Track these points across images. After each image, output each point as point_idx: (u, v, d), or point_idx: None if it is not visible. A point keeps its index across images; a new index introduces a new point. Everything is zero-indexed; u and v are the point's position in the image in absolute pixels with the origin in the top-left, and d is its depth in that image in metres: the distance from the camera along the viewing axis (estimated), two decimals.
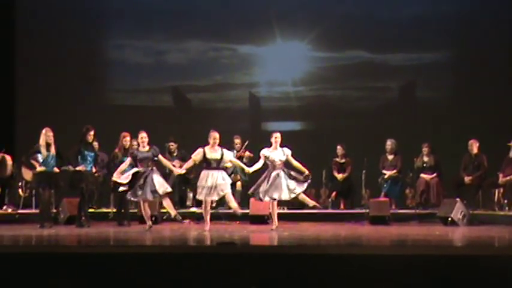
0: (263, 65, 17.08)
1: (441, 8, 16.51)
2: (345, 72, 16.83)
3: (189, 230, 11.99)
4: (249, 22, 16.66)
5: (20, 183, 14.66)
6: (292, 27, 16.68)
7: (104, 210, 14.49)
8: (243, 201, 14.26)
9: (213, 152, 11.73)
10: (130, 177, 11.71)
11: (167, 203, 11.89)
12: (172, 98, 17.49)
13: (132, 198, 11.99)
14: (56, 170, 12.47)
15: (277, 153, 11.83)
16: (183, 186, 14.75)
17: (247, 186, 14.66)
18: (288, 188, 11.63)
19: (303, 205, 12.51)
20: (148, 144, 11.91)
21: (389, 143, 14.70)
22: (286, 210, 13.83)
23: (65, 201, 13.58)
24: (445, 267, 6.60)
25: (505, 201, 13.56)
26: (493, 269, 6.60)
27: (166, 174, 14.59)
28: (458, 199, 12.92)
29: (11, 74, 16.92)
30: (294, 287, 6.62)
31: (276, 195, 11.64)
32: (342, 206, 14.79)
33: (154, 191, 11.67)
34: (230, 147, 14.58)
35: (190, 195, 14.32)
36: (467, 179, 13.89)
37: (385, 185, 14.54)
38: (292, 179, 11.68)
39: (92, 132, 12.52)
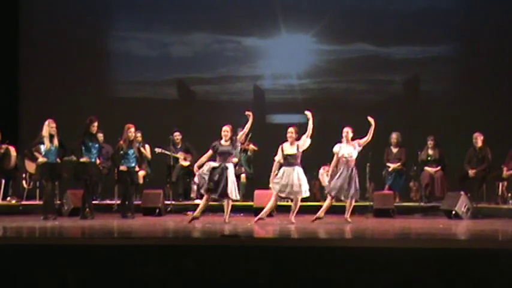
0: (268, 57, 17.05)
1: (445, 1, 16.50)
2: (350, 65, 16.80)
3: (193, 223, 11.99)
4: (253, 15, 16.64)
5: (23, 175, 14.65)
6: (297, 20, 16.65)
7: (108, 202, 14.50)
8: (248, 194, 14.27)
9: (291, 147, 11.78)
10: (207, 174, 11.66)
11: (227, 206, 11.85)
12: (177, 90, 17.47)
13: (204, 194, 11.92)
14: (59, 161, 12.50)
15: (348, 148, 12.00)
16: (188, 179, 14.73)
17: (252, 178, 14.69)
18: (353, 189, 11.93)
19: None
20: (231, 138, 11.82)
21: (394, 136, 14.70)
22: (290, 203, 13.79)
23: (69, 193, 13.59)
24: (449, 260, 6.59)
25: (509, 194, 13.58)
26: (496, 262, 6.59)
27: (171, 167, 14.63)
28: (462, 192, 12.92)
29: (15, 65, 16.91)
30: (298, 279, 6.62)
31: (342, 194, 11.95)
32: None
33: (225, 194, 11.64)
34: None
35: (195, 187, 14.28)
36: (471, 172, 13.88)
37: (389, 178, 14.55)
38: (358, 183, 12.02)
39: (95, 124, 12.51)
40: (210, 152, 11.87)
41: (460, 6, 16.32)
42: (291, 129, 11.86)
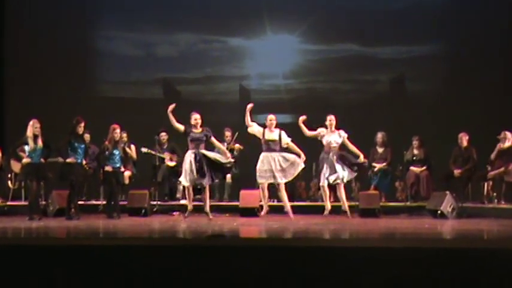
0: (253, 57, 17.05)
1: (430, 0, 16.56)
2: (335, 65, 16.83)
3: (179, 223, 11.98)
4: (239, 14, 16.63)
5: (9, 175, 14.62)
6: (283, 20, 16.66)
7: (94, 202, 14.47)
8: (233, 194, 14.27)
9: (271, 133, 11.94)
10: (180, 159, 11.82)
11: (205, 197, 12.00)
12: (162, 90, 17.43)
13: (183, 182, 12.01)
14: (43, 161, 12.45)
15: (333, 135, 12.16)
16: (173, 179, 14.70)
17: (237, 179, 14.67)
18: (342, 171, 12.11)
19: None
20: (201, 126, 12.00)
21: (379, 136, 14.73)
22: (275, 203, 13.81)
23: (54, 193, 13.55)
24: (434, 260, 6.60)
25: (494, 194, 13.62)
26: (482, 262, 6.61)
27: (156, 167, 14.61)
28: (447, 192, 12.95)
29: (0, 65, 16.85)
30: (284, 279, 6.62)
31: (332, 178, 12.11)
32: (331, 199, 14.78)
33: (202, 180, 11.79)
34: (220, 140, 14.59)
35: (180, 187, 14.27)
36: (456, 172, 13.92)
37: (375, 178, 14.58)
38: (347, 164, 12.08)
39: (82, 124, 12.45)
40: (183, 127, 12.03)
41: (445, 5, 16.36)
42: (271, 117, 12.07)
